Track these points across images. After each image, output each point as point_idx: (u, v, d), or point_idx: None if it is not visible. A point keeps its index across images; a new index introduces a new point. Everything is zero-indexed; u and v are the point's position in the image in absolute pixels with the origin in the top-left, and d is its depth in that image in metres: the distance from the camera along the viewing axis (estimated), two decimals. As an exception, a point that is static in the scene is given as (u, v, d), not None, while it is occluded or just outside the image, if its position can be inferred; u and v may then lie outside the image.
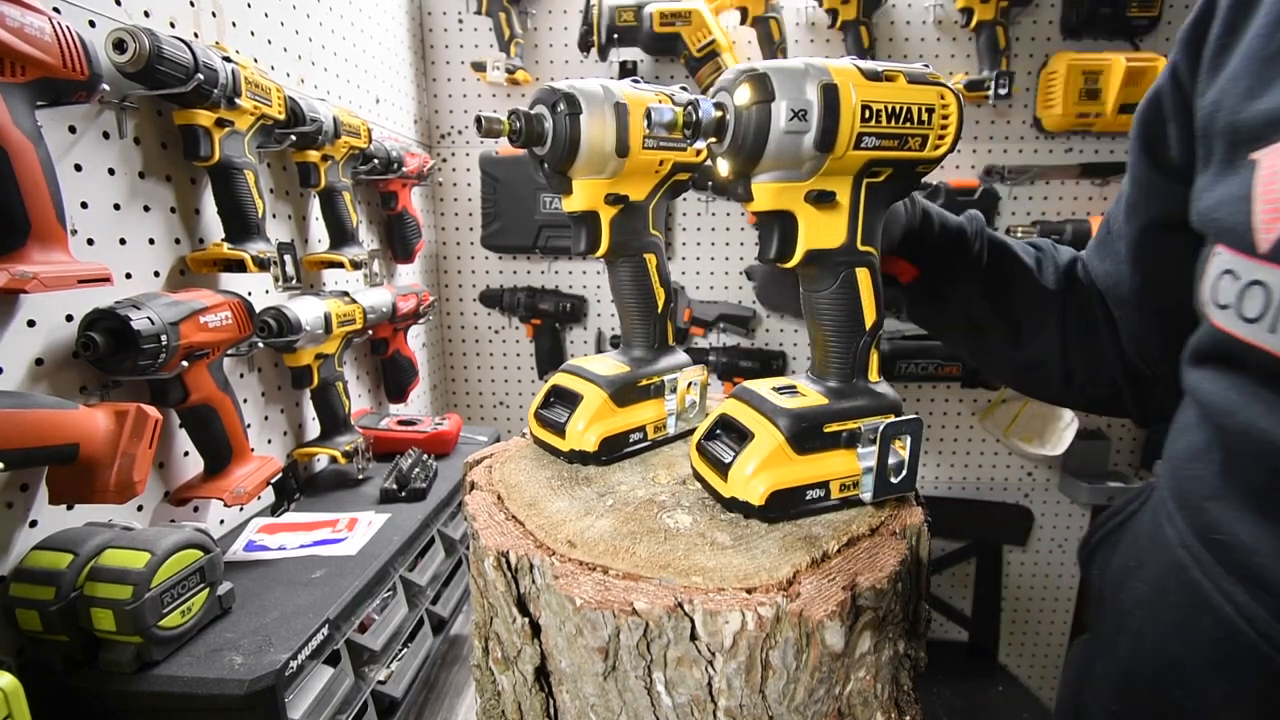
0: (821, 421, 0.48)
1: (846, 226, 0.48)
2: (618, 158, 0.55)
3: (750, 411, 0.50)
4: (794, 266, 0.48)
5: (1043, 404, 1.72)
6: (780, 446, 0.47)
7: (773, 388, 0.51)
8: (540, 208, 1.61)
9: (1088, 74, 1.50)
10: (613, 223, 0.58)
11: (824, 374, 0.51)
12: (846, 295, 0.49)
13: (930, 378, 1.67)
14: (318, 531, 0.87)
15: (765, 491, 0.47)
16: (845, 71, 0.43)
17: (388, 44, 1.43)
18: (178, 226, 0.82)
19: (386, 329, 1.28)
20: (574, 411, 0.58)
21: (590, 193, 0.57)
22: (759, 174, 0.46)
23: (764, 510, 0.47)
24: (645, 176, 0.59)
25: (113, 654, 0.58)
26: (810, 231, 0.47)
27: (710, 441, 0.52)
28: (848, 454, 0.49)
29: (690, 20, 1.45)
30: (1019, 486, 1.83)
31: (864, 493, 0.49)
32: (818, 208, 0.46)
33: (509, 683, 0.49)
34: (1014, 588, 1.89)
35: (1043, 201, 1.67)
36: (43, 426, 0.55)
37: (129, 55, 0.66)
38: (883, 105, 0.44)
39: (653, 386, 0.61)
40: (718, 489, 0.49)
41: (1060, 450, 1.66)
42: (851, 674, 0.42)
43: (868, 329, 0.50)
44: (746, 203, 0.47)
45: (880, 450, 0.48)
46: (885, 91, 0.44)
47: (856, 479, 0.49)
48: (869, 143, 0.44)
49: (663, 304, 0.62)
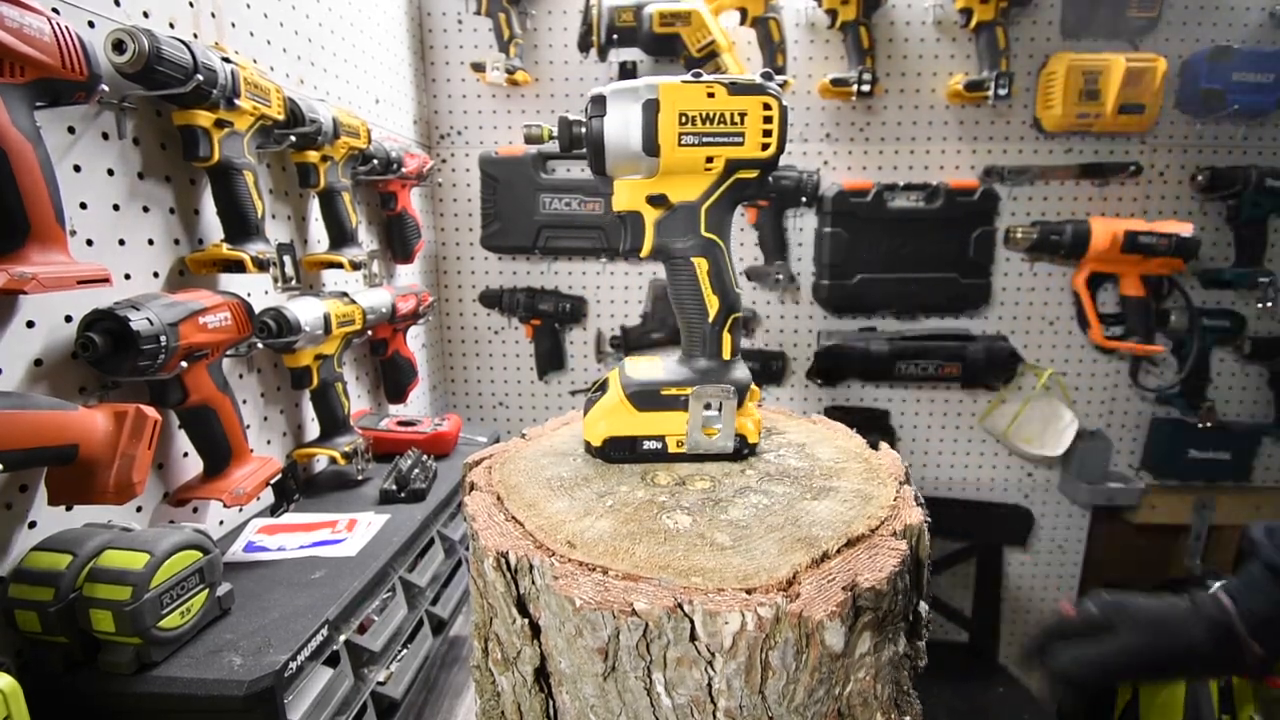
0: (658, 387, 0.60)
1: (686, 221, 0.58)
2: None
3: (614, 376, 0.63)
4: (646, 257, 0.59)
5: (1043, 404, 1.72)
6: (621, 402, 0.60)
7: (643, 361, 0.65)
8: (540, 208, 1.61)
9: (1087, 74, 1.50)
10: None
11: (687, 352, 0.62)
12: (689, 284, 0.59)
13: (930, 378, 1.67)
14: (317, 532, 0.87)
15: (604, 435, 0.60)
16: (670, 87, 0.54)
17: (387, 44, 1.43)
18: (177, 227, 0.82)
19: (386, 330, 1.28)
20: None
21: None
22: (616, 176, 0.57)
23: (602, 450, 0.60)
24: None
25: (112, 655, 0.58)
26: (654, 228, 0.58)
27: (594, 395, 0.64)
28: (681, 415, 0.60)
29: (690, 21, 1.45)
30: (1019, 487, 1.83)
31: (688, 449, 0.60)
32: (655, 207, 0.58)
33: (509, 683, 0.49)
34: (1014, 588, 1.89)
35: (1042, 202, 1.67)
36: (42, 427, 0.55)
37: (128, 56, 0.66)
38: (698, 112, 0.54)
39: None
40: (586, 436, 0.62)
41: (1060, 450, 1.66)
42: (851, 674, 0.42)
43: (711, 317, 0.60)
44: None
45: (692, 412, 0.59)
46: (702, 101, 0.54)
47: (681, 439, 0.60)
48: (689, 140, 0.54)
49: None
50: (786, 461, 0.61)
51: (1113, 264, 1.59)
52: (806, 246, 1.69)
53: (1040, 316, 1.73)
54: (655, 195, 0.57)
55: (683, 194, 0.57)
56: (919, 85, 1.62)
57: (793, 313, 1.75)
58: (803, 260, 1.70)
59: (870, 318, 1.72)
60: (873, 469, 0.58)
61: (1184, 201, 1.67)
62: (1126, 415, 1.78)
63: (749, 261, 1.71)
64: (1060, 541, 1.86)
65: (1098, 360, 1.75)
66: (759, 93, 0.54)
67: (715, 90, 0.54)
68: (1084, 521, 1.84)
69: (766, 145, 0.55)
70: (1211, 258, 1.68)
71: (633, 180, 0.57)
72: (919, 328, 1.71)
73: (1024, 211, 1.67)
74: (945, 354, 1.65)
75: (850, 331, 1.71)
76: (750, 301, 1.74)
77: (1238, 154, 1.64)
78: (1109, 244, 1.55)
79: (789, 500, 0.53)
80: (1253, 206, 1.58)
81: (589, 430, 0.61)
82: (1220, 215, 1.66)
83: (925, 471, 1.83)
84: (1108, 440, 1.75)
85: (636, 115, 0.54)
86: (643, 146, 0.54)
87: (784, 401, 1.79)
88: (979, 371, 1.66)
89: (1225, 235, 1.67)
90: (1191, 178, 1.64)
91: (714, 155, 0.55)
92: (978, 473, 1.82)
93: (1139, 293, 1.62)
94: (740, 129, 0.54)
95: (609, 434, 0.60)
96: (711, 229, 0.59)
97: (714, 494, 0.54)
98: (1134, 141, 1.64)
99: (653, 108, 0.53)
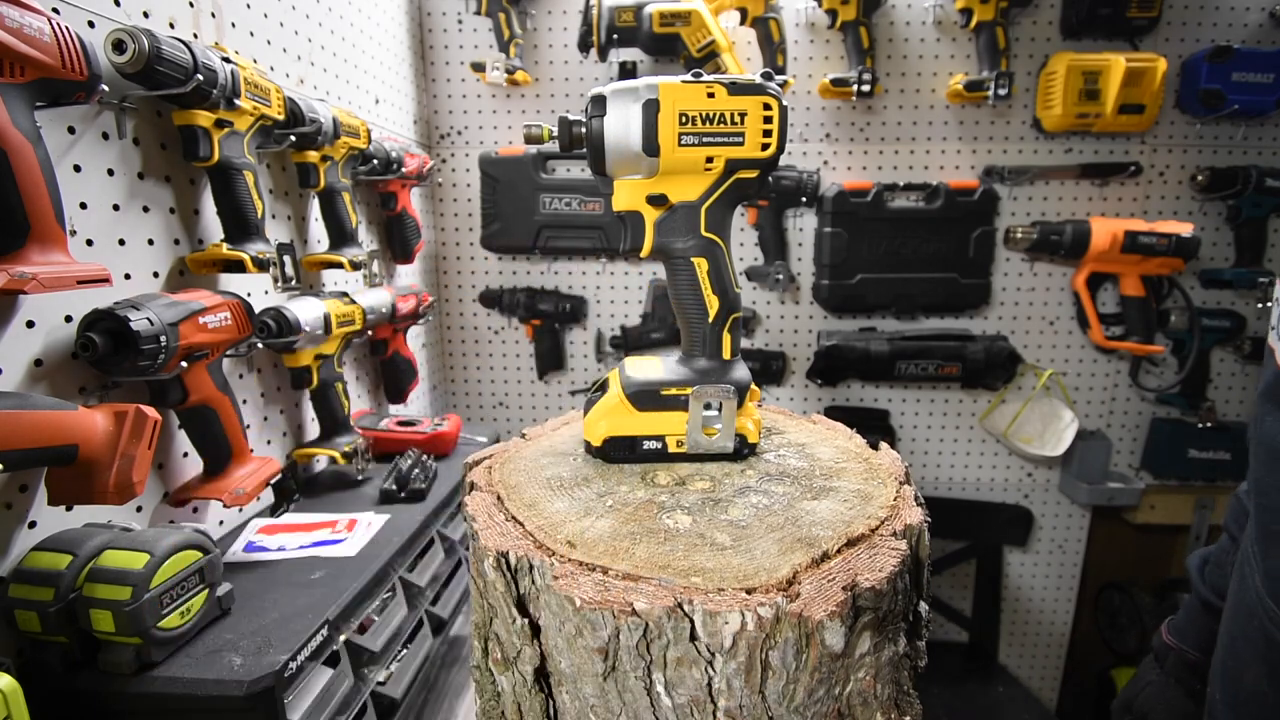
0: (658, 387, 0.60)
1: (686, 221, 0.58)
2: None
3: (614, 375, 0.63)
4: (646, 257, 0.59)
5: (1043, 404, 1.72)
6: (621, 402, 0.59)
7: (643, 361, 0.64)
8: (540, 208, 1.61)
9: (1087, 74, 1.50)
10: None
11: (687, 352, 0.62)
12: (689, 284, 0.59)
13: (930, 378, 1.67)
14: (317, 532, 0.87)
15: (604, 435, 0.59)
16: (670, 87, 0.54)
17: (387, 44, 1.43)
18: (177, 227, 0.82)
19: (386, 330, 1.28)
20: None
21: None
22: (616, 176, 0.57)
23: (602, 450, 0.60)
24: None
25: (112, 655, 0.58)
26: (654, 228, 0.58)
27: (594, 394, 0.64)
28: (681, 415, 0.59)
29: (690, 21, 1.45)
30: (1019, 487, 1.83)
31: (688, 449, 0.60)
32: (655, 207, 0.57)
33: (509, 683, 0.49)
34: (1014, 588, 1.89)
35: (1042, 202, 1.67)
36: (42, 427, 0.55)
37: (128, 56, 0.66)
38: (698, 112, 0.54)
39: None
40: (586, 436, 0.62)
41: (1060, 450, 1.66)
42: (851, 674, 0.42)
43: (711, 317, 0.59)
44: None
45: (692, 412, 0.58)
46: (702, 101, 0.54)
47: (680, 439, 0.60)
48: (689, 141, 0.54)
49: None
50: (786, 461, 0.61)
51: (1113, 264, 1.60)
52: (806, 246, 1.69)
53: (1040, 316, 1.73)
54: (655, 195, 0.57)
55: (683, 194, 0.57)
56: (919, 85, 1.62)
57: (793, 313, 1.75)
58: (803, 260, 1.70)
59: (870, 318, 1.72)
60: (873, 469, 0.58)
61: (1184, 201, 1.67)
62: (1126, 415, 1.78)
63: (749, 261, 1.71)
64: (1060, 541, 1.86)
65: (1098, 360, 1.75)
66: (759, 93, 0.54)
67: (715, 90, 0.54)
68: (1084, 521, 1.84)
69: (766, 145, 0.55)
70: (1211, 258, 1.68)
71: (633, 180, 0.57)
72: (919, 328, 1.71)
73: (1024, 211, 1.67)
74: (945, 354, 1.65)
75: (850, 331, 1.71)
76: (750, 301, 1.74)
77: (1238, 154, 1.64)
78: (1109, 244, 1.55)
79: (789, 500, 0.53)
80: (1253, 206, 1.58)
81: (589, 430, 0.61)
82: (1220, 215, 1.66)
83: (925, 471, 1.83)
84: (1108, 440, 1.75)
85: (636, 115, 0.54)
86: (643, 146, 0.54)
87: (784, 401, 1.79)
88: (979, 371, 1.66)
89: (1225, 235, 1.67)
90: (1191, 178, 1.64)
91: (714, 155, 0.55)
92: (978, 473, 1.82)
93: (1139, 293, 1.62)
94: (740, 129, 0.54)
95: (609, 434, 0.60)
96: (711, 229, 0.59)
97: (714, 494, 0.54)
98: (1134, 141, 1.64)
99: (653, 108, 0.53)
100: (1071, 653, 1.91)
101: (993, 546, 1.84)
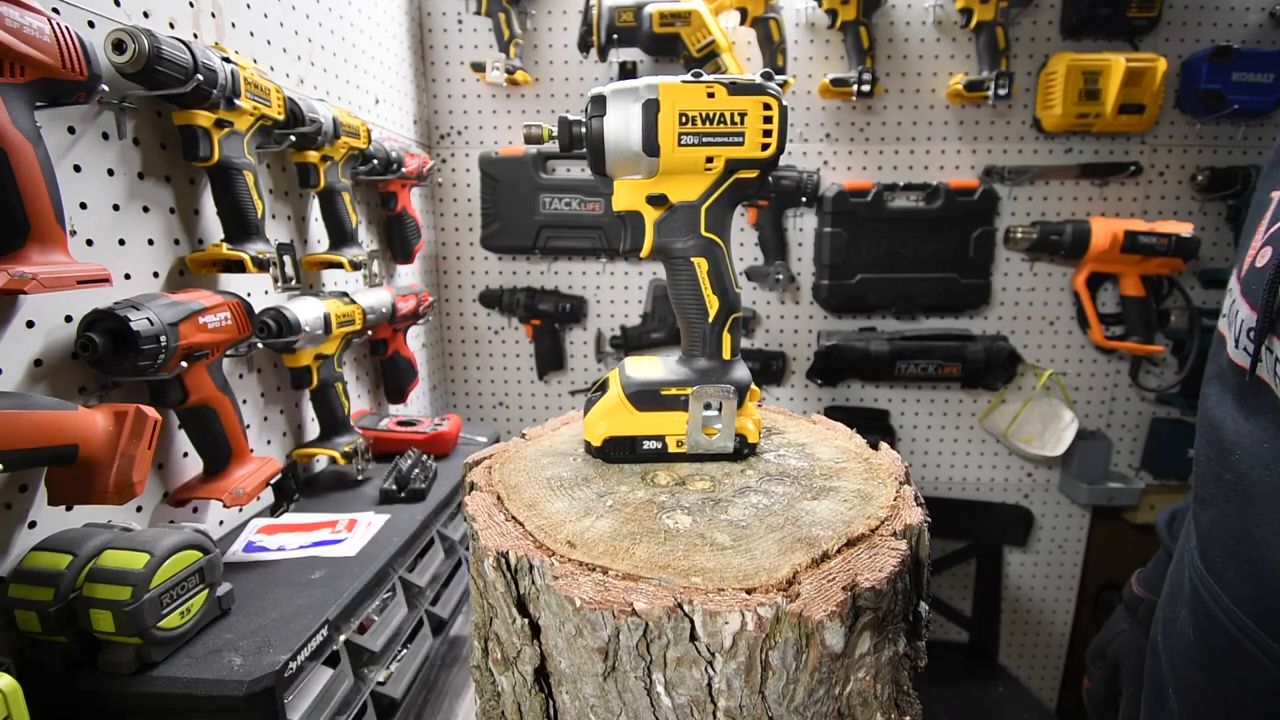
0: (658, 387, 0.59)
1: (686, 221, 0.58)
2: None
3: (614, 375, 0.63)
4: (646, 257, 0.59)
5: (1043, 404, 1.72)
6: (621, 402, 0.59)
7: (643, 360, 0.64)
8: (540, 208, 1.61)
9: (1087, 74, 1.50)
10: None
11: (687, 352, 0.62)
12: (689, 284, 0.59)
13: (930, 378, 1.67)
14: (317, 532, 0.87)
15: (604, 435, 0.59)
16: (670, 87, 0.53)
17: (387, 44, 1.43)
18: (177, 227, 0.82)
19: (386, 330, 1.28)
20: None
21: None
22: (616, 176, 0.57)
23: (602, 450, 0.59)
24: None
25: (112, 655, 0.58)
26: (654, 228, 0.58)
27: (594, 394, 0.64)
28: (681, 415, 0.59)
29: (690, 21, 1.45)
30: (1019, 487, 1.83)
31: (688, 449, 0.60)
32: (655, 207, 0.57)
33: (509, 683, 0.49)
34: (1014, 588, 1.89)
35: (1042, 202, 1.67)
36: (42, 427, 0.55)
37: (128, 56, 0.66)
38: (698, 112, 0.53)
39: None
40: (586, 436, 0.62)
41: (1060, 450, 1.66)
42: (851, 674, 0.42)
43: (711, 317, 0.59)
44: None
45: (692, 412, 0.58)
46: (702, 101, 0.53)
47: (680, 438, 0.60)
48: (689, 140, 0.54)
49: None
50: (786, 461, 0.61)
51: (1113, 264, 1.60)
52: (806, 246, 1.69)
53: (1040, 316, 1.73)
54: (655, 195, 0.57)
55: (683, 194, 0.57)
56: (919, 85, 1.62)
57: (793, 313, 1.75)
58: (803, 260, 1.70)
59: (870, 318, 1.73)
60: (873, 469, 0.58)
61: (1184, 201, 1.67)
62: (1126, 415, 1.79)
63: (749, 261, 1.71)
64: (1060, 541, 1.86)
65: (1098, 360, 1.75)
66: (759, 93, 0.54)
67: (715, 90, 0.54)
68: (1084, 521, 1.84)
69: (766, 145, 0.55)
70: (1211, 258, 1.68)
71: (633, 180, 0.57)
72: (919, 328, 1.71)
73: (1024, 211, 1.67)
74: (945, 354, 1.65)
75: (850, 331, 1.71)
76: (750, 301, 1.74)
77: (1238, 154, 1.64)
78: (1109, 244, 1.55)
79: (789, 500, 0.53)
80: (1253, 206, 1.58)
81: (589, 430, 0.61)
82: (1220, 215, 1.66)
83: (925, 471, 1.83)
84: (1108, 440, 1.75)
85: (636, 115, 0.54)
86: (642, 146, 0.54)
87: (784, 401, 1.79)
88: (979, 371, 1.66)
89: (1225, 235, 1.67)
90: (1191, 178, 1.64)
91: (714, 155, 0.55)
92: (978, 473, 1.82)
93: (1139, 293, 1.62)
94: (740, 129, 0.54)
95: (609, 434, 0.60)
96: (711, 229, 0.59)
97: (714, 494, 0.54)
98: (1134, 141, 1.64)
99: (653, 108, 0.53)
100: (1071, 653, 1.91)
101: (993, 546, 1.84)
